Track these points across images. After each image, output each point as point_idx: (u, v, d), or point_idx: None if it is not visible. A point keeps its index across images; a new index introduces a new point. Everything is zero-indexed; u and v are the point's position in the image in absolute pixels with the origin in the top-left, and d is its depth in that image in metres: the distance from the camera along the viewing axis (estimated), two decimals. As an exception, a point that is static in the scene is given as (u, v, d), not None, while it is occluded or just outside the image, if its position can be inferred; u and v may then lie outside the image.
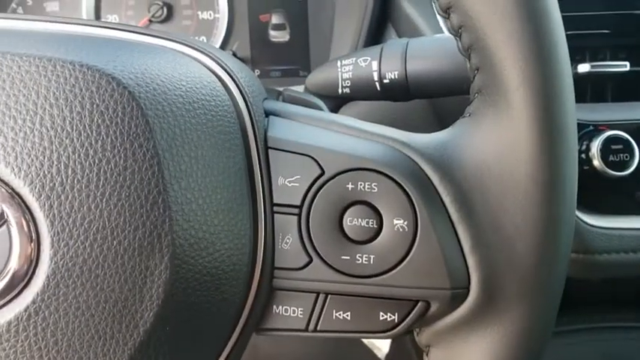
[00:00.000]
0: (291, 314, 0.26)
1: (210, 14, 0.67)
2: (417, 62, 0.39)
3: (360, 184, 0.25)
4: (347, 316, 0.25)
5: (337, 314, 0.26)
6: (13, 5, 0.66)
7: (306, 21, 0.68)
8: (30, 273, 0.20)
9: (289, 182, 0.25)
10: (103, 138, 0.21)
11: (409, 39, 0.40)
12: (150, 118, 0.22)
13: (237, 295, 0.24)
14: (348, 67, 0.41)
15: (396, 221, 0.25)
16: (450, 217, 0.25)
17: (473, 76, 0.26)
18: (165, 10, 0.66)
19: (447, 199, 0.25)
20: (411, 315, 0.25)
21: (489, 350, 0.25)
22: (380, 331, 0.26)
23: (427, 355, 0.27)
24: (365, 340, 0.53)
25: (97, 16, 0.66)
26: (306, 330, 0.26)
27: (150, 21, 0.65)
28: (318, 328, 0.26)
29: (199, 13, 0.67)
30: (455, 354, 0.26)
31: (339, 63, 0.42)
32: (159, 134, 0.22)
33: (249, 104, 0.26)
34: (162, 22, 0.66)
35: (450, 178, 0.25)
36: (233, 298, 0.24)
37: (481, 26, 0.24)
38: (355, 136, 0.27)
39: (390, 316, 0.25)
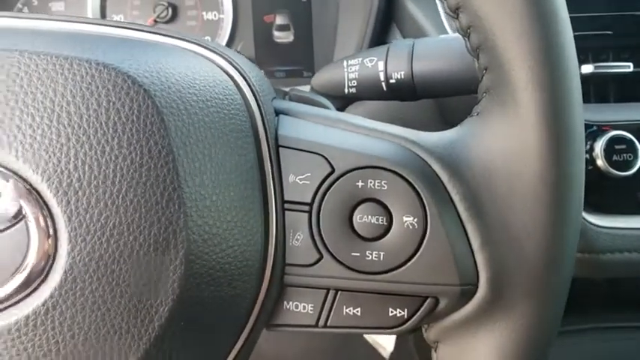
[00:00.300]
0: (302, 310, 0.26)
1: (214, 15, 0.67)
2: (423, 62, 0.39)
3: (370, 182, 0.25)
4: (357, 312, 0.26)
5: (347, 310, 0.26)
6: (19, 5, 0.67)
7: (310, 22, 0.68)
8: (47, 268, 0.21)
9: (300, 180, 0.26)
10: (119, 135, 0.21)
11: (415, 39, 0.41)
12: (165, 116, 0.22)
13: (249, 291, 0.25)
14: (355, 68, 0.42)
15: (405, 218, 0.25)
16: (459, 215, 0.25)
17: (481, 75, 0.26)
18: (170, 10, 0.66)
19: (455, 198, 0.25)
20: (420, 311, 0.26)
21: (497, 346, 0.26)
22: (389, 327, 0.26)
23: (435, 351, 0.28)
24: (369, 339, 0.54)
25: (103, 16, 0.66)
26: (316, 326, 0.26)
27: (155, 21, 0.66)
28: (328, 324, 0.26)
29: (204, 13, 0.67)
30: (463, 350, 0.26)
31: (345, 63, 0.43)
32: (173, 132, 0.22)
33: (260, 103, 0.26)
34: (168, 22, 0.66)
35: (459, 177, 0.25)
36: (245, 294, 0.24)
37: (490, 26, 0.24)
38: (364, 135, 0.27)
39: (400, 312, 0.26)
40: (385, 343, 0.51)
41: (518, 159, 0.24)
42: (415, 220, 0.25)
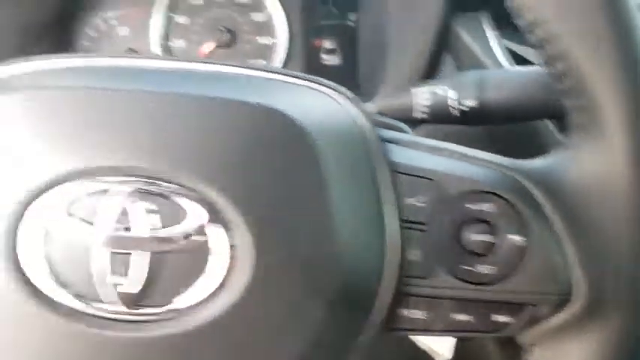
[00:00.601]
0: (416, 316, 0.30)
1: (268, 39, 0.71)
2: (492, 92, 0.43)
3: (478, 205, 0.29)
4: (465, 318, 0.29)
5: (457, 316, 0.29)
6: (86, 30, 0.71)
7: (356, 46, 0.72)
8: (227, 280, 0.24)
9: (414, 202, 0.29)
10: (281, 167, 0.25)
11: (482, 70, 0.45)
12: (317, 152, 0.26)
13: (375, 299, 0.28)
14: (425, 95, 0.45)
15: (510, 236, 0.29)
16: (557, 233, 0.29)
17: (572, 113, 0.30)
18: (228, 35, 0.70)
19: (554, 218, 0.29)
20: (521, 317, 0.29)
21: (589, 353, 0.29)
22: (493, 331, 0.30)
23: (531, 354, 0.31)
24: (424, 346, 0.57)
25: (166, 41, 0.70)
26: (428, 330, 0.30)
27: (216, 46, 0.70)
28: (440, 328, 0.30)
29: (258, 38, 0.71)
30: (556, 354, 0.30)
31: (413, 90, 0.47)
32: (323, 165, 0.26)
33: (375, 135, 0.30)
34: (226, 47, 0.70)
35: (557, 200, 0.29)
36: (372, 302, 0.28)
37: (583, 74, 0.28)
38: (466, 161, 0.31)
39: (504, 318, 0.29)
40: (442, 350, 0.55)
41: (610, 185, 0.28)
42: (518, 238, 0.29)
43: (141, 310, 0.24)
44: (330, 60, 0.74)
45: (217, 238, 0.24)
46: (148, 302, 0.24)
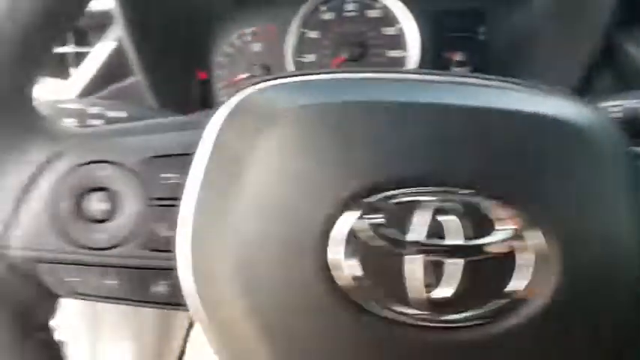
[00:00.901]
0: None
1: (399, 52, 0.71)
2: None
3: None
4: None
5: None
6: (224, 47, 0.73)
7: (486, 59, 0.71)
8: (534, 285, 0.24)
9: None
10: (576, 176, 0.25)
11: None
12: (606, 163, 0.25)
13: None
14: (616, 109, 0.43)
15: None
16: None
17: None
18: (359, 49, 0.70)
19: None
20: None
21: None
22: None
23: None
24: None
25: (299, 55, 0.71)
26: None
27: (346, 59, 0.70)
28: None
29: (389, 51, 0.71)
30: None
31: (600, 105, 0.45)
32: (609, 174, 0.25)
33: (629, 148, 0.28)
34: (356, 60, 0.70)
35: None
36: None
37: None
38: None
39: None
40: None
41: None
42: None
43: (451, 316, 0.24)
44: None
45: (525, 246, 0.24)
46: (458, 308, 0.24)
